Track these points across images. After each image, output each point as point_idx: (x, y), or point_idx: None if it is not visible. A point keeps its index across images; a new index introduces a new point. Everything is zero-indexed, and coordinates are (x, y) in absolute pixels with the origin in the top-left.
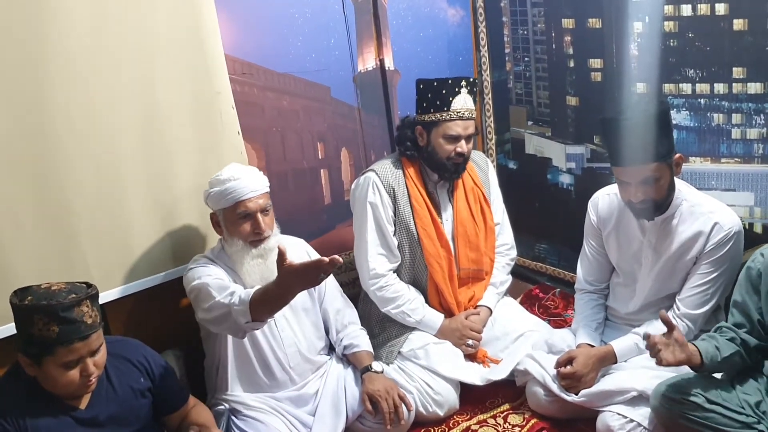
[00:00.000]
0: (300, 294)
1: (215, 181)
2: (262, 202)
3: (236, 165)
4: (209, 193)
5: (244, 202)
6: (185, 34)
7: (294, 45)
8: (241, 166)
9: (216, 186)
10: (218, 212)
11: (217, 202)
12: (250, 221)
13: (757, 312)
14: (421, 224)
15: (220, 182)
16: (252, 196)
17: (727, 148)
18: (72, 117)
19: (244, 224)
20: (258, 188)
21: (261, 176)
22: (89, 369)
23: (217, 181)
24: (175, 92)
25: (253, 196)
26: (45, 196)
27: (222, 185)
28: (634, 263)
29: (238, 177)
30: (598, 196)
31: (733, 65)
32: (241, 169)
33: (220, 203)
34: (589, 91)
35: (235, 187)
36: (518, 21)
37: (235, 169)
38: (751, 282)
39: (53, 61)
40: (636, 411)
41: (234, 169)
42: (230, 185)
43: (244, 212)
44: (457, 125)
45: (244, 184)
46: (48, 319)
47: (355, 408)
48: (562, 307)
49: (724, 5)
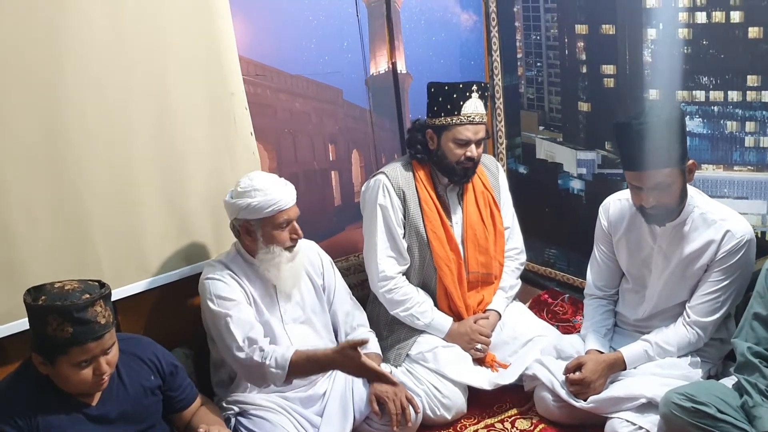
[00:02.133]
0: (310, 297)
1: (251, 192)
2: (297, 209)
3: (262, 175)
4: (248, 205)
5: (287, 211)
6: (200, 35)
7: (307, 47)
8: (266, 175)
9: (256, 197)
10: (254, 222)
11: (257, 212)
12: (290, 228)
13: None
14: (431, 227)
15: (261, 192)
16: (292, 204)
17: (740, 156)
18: (86, 116)
19: (284, 232)
20: (294, 196)
21: (289, 184)
22: (102, 368)
23: (256, 192)
24: (189, 93)
25: (292, 204)
26: (59, 195)
27: (264, 195)
28: (644, 269)
29: (276, 187)
30: (609, 201)
31: (747, 73)
32: (272, 178)
33: (260, 213)
34: (601, 97)
35: (278, 198)
36: (531, 26)
37: (267, 179)
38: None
39: (68, 62)
40: (644, 418)
41: (267, 180)
42: (274, 196)
43: (287, 220)
44: (468, 129)
45: (285, 194)
46: (62, 319)
47: (362, 409)
48: (571, 313)
49: (740, 13)
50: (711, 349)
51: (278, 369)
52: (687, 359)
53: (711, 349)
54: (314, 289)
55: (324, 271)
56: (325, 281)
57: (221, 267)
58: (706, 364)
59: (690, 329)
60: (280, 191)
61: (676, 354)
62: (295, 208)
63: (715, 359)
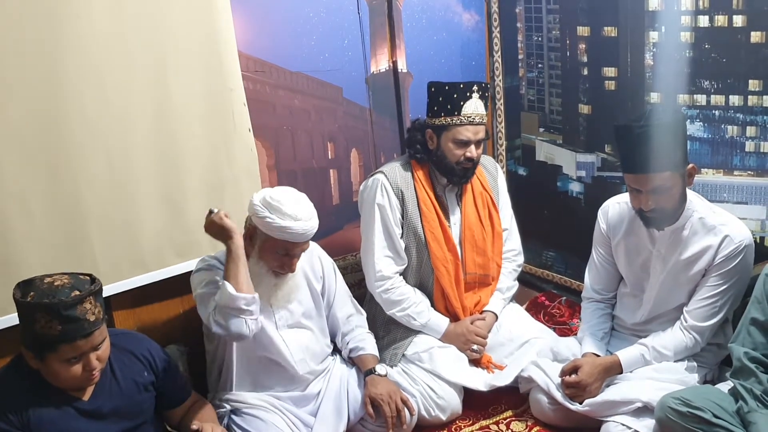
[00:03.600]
0: (307, 303)
1: (275, 209)
2: (306, 246)
3: (296, 198)
4: (264, 217)
5: (292, 244)
6: (200, 30)
7: (307, 44)
8: (300, 200)
9: (274, 215)
10: (259, 232)
11: (267, 228)
12: (286, 259)
13: None
14: (429, 227)
15: (281, 215)
16: (302, 241)
17: (741, 161)
18: (85, 109)
19: (279, 258)
20: (311, 233)
21: (315, 220)
22: (92, 364)
23: (278, 212)
24: (188, 88)
25: (302, 241)
26: (56, 187)
27: (282, 220)
28: (642, 273)
29: (298, 218)
30: (609, 204)
31: (749, 77)
32: (302, 207)
33: (268, 231)
34: (602, 99)
35: (293, 229)
36: (533, 27)
37: (297, 207)
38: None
39: (68, 54)
40: (640, 422)
41: (295, 207)
42: (290, 225)
43: (285, 252)
44: (468, 130)
45: (303, 229)
46: (50, 317)
47: (357, 410)
48: (568, 316)
49: (742, 17)
50: (707, 354)
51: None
52: (683, 364)
53: (707, 353)
54: (312, 294)
55: (324, 275)
56: (325, 285)
57: (214, 263)
58: (703, 369)
59: (687, 333)
60: (299, 224)
61: (673, 358)
62: (303, 245)
63: (711, 364)
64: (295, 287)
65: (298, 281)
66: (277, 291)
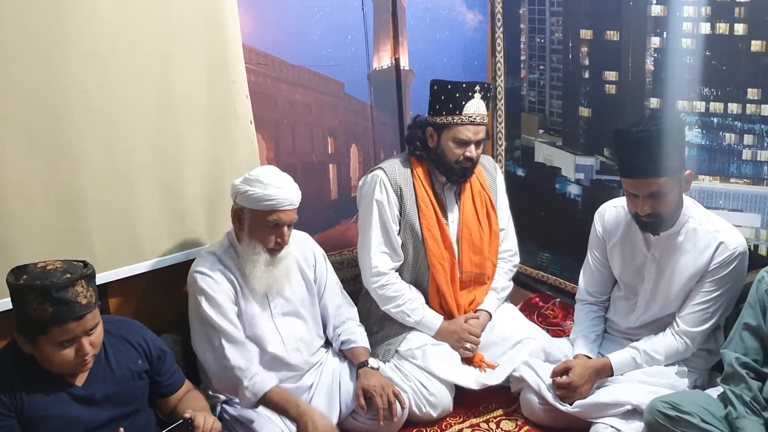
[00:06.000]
0: (301, 291)
1: (255, 181)
2: (294, 215)
3: (274, 170)
4: (246, 191)
5: (279, 213)
6: (205, 21)
7: (311, 39)
8: (278, 172)
9: (255, 187)
10: (246, 211)
11: (252, 202)
12: (277, 231)
13: None
14: (427, 225)
15: (262, 185)
16: (288, 208)
17: (737, 169)
18: (87, 97)
19: (270, 232)
20: (295, 201)
21: (297, 189)
22: (85, 348)
23: (258, 183)
24: (192, 78)
25: (289, 208)
26: (56, 174)
27: (264, 189)
28: (636, 277)
29: (279, 185)
30: (605, 208)
31: (748, 86)
32: (282, 177)
33: (254, 204)
34: (602, 103)
35: (276, 195)
36: (536, 29)
37: (276, 175)
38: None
39: (71, 42)
40: (629, 424)
41: (275, 175)
42: (272, 192)
43: (275, 221)
44: (468, 130)
45: (286, 195)
46: (42, 299)
47: (348, 403)
48: (561, 317)
49: (743, 25)
50: (698, 360)
51: (251, 395)
52: (674, 368)
53: (698, 359)
54: (305, 283)
55: (316, 264)
56: (317, 274)
57: (213, 259)
58: (693, 374)
59: (678, 338)
60: (280, 190)
61: (664, 362)
62: (290, 213)
63: (702, 370)
64: (289, 269)
65: (291, 264)
66: (274, 272)
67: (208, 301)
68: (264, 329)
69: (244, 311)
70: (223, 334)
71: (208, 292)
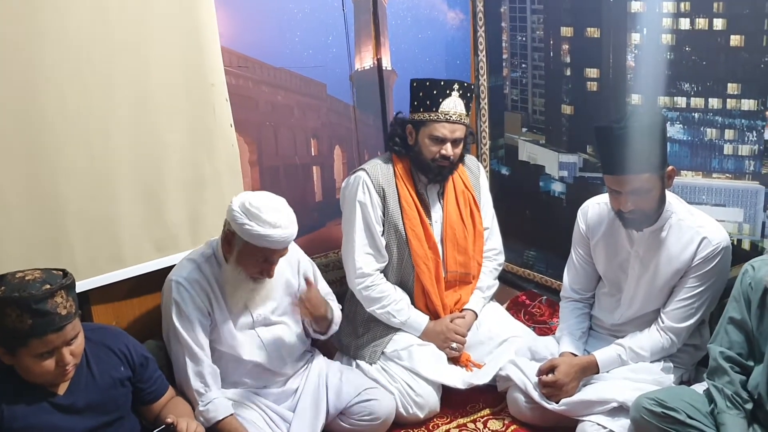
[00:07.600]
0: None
1: (255, 216)
2: (285, 252)
3: (275, 204)
4: (243, 225)
5: (271, 251)
6: (182, 24)
7: (291, 40)
8: (279, 206)
9: (253, 223)
10: (238, 239)
11: (247, 236)
12: (265, 264)
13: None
14: (410, 225)
15: (261, 223)
16: (281, 248)
17: (719, 164)
18: (65, 103)
19: (259, 265)
20: (291, 239)
21: (295, 224)
22: (65, 359)
23: (257, 220)
24: (169, 82)
25: (281, 248)
26: (34, 181)
27: (262, 228)
28: (620, 273)
29: (279, 225)
30: (588, 205)
31: (728, 81)
32: (282, 215)
33: (248, 238)
34: (584, 100)
35: (273, 236)
36: (517, 27)
37: (276, 213)
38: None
39: (48, 46)
40: (615, 422)
41: (275, 213)
42: (270, 233)
43: (264, 257)
44: (444, 127)
45: (283, 236)
46: (21, 311)
47: (336, 404)
48: (548, 315)
49: (722, 20)
50: (684, 355)
51: (204, 420)
52: (659, 364)
53: (684, 354)
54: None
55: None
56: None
57: (192, 267)
58: (679, 370)
59: (663, 334)
60: (279, 231)
61: (649, 359)
62: (282, 251)
63: (687, 365)
64: (272, 290)
65: (276, 283)
66: (255, 295)
67: (179, 314)
68: (244, 338)
69: (221, 322)
70: (187, 351)
71: (180, 305)
